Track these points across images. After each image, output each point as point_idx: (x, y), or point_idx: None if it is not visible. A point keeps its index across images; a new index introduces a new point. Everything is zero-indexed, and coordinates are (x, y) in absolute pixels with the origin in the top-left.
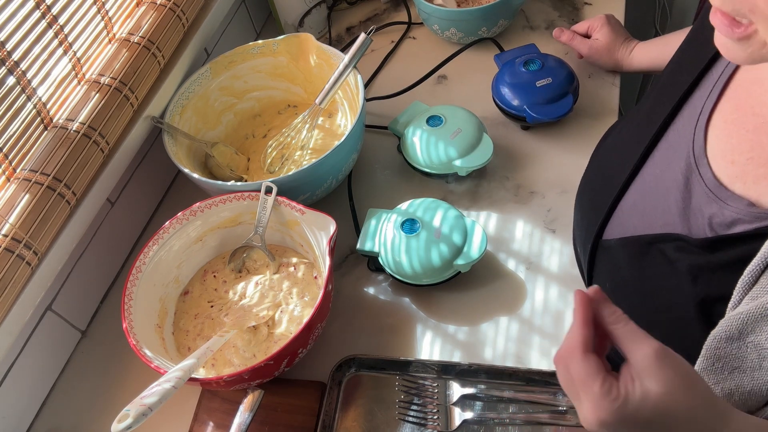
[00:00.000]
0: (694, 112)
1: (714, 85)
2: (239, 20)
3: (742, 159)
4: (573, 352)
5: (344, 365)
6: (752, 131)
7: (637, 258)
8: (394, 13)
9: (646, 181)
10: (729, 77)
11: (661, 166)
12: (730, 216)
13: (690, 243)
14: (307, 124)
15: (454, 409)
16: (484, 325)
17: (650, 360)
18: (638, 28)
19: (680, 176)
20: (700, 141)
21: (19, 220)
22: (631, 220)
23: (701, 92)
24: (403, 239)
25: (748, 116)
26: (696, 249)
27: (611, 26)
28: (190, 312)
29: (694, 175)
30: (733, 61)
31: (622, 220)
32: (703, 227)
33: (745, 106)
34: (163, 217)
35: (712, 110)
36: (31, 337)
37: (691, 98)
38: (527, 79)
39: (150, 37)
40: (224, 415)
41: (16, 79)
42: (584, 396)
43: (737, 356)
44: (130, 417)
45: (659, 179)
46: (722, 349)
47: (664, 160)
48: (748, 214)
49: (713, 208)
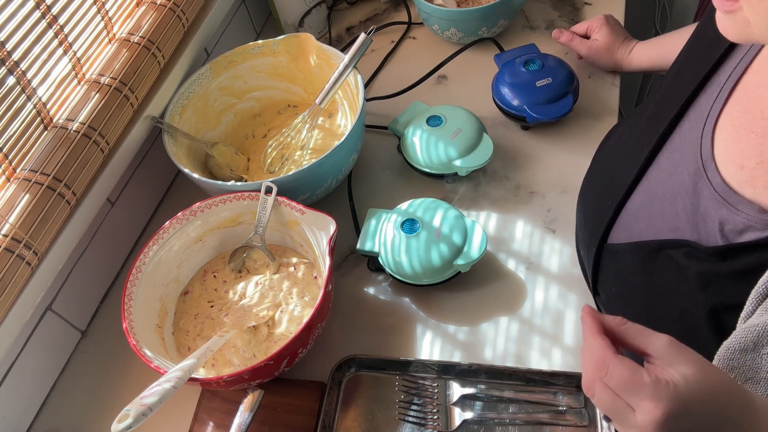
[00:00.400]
0: (700, 115)
1: (721, 88)
2: (239, 20)
3: (751, 163)
4: (604, 361)
5: (344, 365)
6: (761, 135)
7: (645, 263)
8: (394, 13)
9: (651, 185)
10: (736, 81)
11: (667, 170)
12: (741, 222)
13: (700, 250)
14: (307, 124)
15: (454, 409)
16: (484, 325)
17: (671, 347)
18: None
19: (688, 181)
20: (708, 145)
21: (19, 220)
22: (638, 225)
23: (707, 95)
24: (403, 239)
25: (757, 120)
26: (706, 256)
27: (610, 26)
28: (190, 312)
29: (702, 179)
30: (725, 35)
31: (627, 224)
32: (714, 233)
33: (753, 110)
34: (163, 217)
35: (719, 114)
36: (31, 337)
37: (696, 101)
38: (527, 79)
39: (150, 37)
40: (224, 415)
41: (16, 79)
42: (637, 396)
43: (751, 367)
44: (130, 417)
45: (665, 183)
46: (736, 360)
47: (670, 163)
48: (760, 221)
49: (723, 213)
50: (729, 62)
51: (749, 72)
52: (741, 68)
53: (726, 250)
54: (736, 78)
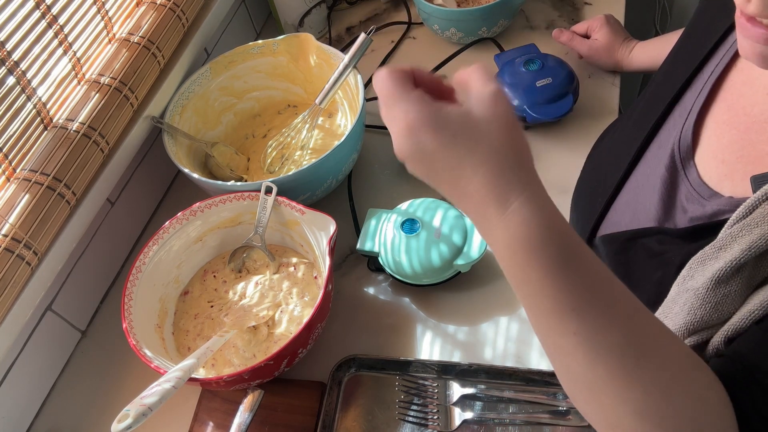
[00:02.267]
0: (683, 111)
1: (704, 84)
2: (239, 20)
3: (732, 158)
4: (378, 76)
5: (344, 365)
6: (743, 131)
7: (619, 254)
8: (394, 13)
9: (638, 180)
10: (719, 77)
11: (652, 165)
12: (711, 208)
13: (671, 234)
14: (307, 124)
15: (454, 409)
16: (484, 325)
17: (488, 93)
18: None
19: (666, 173)
20: (687, 139)
21: (19, 220)
22: (623, 219)
23: (692, 91)
24: (403, 239)
25: (740, 116)
26: (677, 240)
27: (611, 26)
28: (190, 312)
29: (679, 173)
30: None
31: (615, 219)
32: (686, 220)
33: (736, 107)
34: (163, 217)
35: (702, 110)
36: (31, 337)
37: (683, 98)
38: (527, 79)
39: (150, 37)
40: (224, 415)
41: (16, 79)
42: (398, 103)
43: (675, 300)
44: (130, 417)
45: (649, 178)
46: (688, 271)
47: (654, 158)
48: (729, 203)
49: (695, 206)
50: (713, 59)
51: (733, 70)
52: (722, 65)
53: (696, 230)
54: (718, 75)
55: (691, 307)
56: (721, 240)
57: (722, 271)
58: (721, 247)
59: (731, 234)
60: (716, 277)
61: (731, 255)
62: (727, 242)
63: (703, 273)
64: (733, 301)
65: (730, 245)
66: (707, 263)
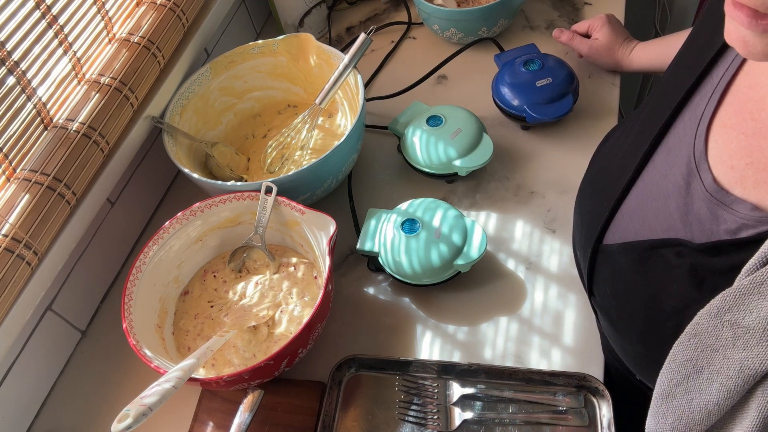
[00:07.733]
0: (694, 116)
1: (714, 89)
2: (239, 20)
3: (741, 164)
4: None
5: (344, 365)
6: (751, 136)
7: (638, 263)
8: (394, 13)
9: (647, 186)
10: (729, 81)
11: (661, 170)
12: (735, 222)
13: (691, 248)
14: (307, 124)
15: (454, 409)
16: (483, 325)
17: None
18: (638, 28)
19: (681, 181)
20: (701, 146)
21: (19, 220)
22: (632, 225)
23: (701, 96)
24: (403, 239)
25: (747, 121)
26: (698, 253)
27: (611, 26)
28: (190, 312)
29: (695, 180)
30: (747, 56)
31: (622, 225)
32: (707, 233)
33: (743, 111)
34: (163, 217)
35: (712, 115)
36: (31, 337)
37: (690, 102)
38: (527, 79)
39: (150, 37)
40: (224, 415)
41: (16, 79)
42: None
43: (712, 334)
44: (130, 417)
45: (660, 184)
46: (702, 324)
47: (664, 164)
48: (752, 218)
49: (717, 213)
50: (722, 63)
51: (740, 74)
52: (733, 69)
53: (717, 246)
54: (728, 79)
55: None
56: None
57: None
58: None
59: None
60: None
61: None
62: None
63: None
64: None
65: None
66: (750, 299)
